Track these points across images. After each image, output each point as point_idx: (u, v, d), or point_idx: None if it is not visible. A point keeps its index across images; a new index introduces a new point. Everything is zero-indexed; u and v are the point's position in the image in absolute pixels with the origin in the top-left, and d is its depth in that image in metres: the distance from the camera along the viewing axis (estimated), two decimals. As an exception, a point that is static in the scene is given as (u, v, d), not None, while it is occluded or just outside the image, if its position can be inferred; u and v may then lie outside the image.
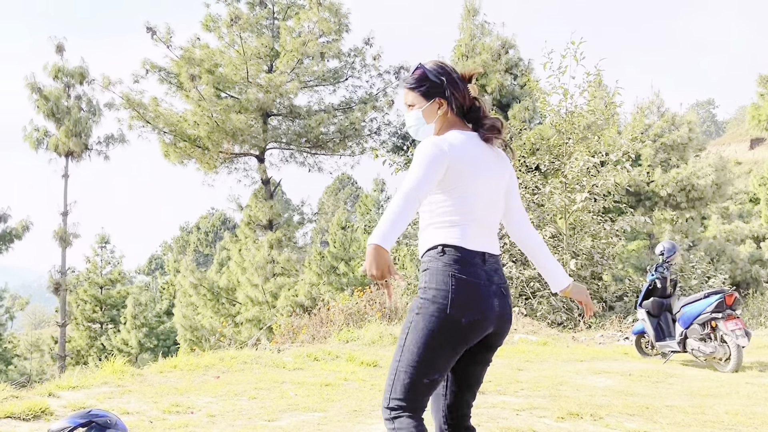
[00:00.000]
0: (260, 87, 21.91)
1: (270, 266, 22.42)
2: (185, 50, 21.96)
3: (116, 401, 5.98)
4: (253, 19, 22.71)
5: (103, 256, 34.70)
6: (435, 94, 2.97)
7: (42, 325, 62.10)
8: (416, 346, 2.75)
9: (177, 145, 22.56)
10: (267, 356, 8.77)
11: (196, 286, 24.10)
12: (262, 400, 6.21)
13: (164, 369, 7.69)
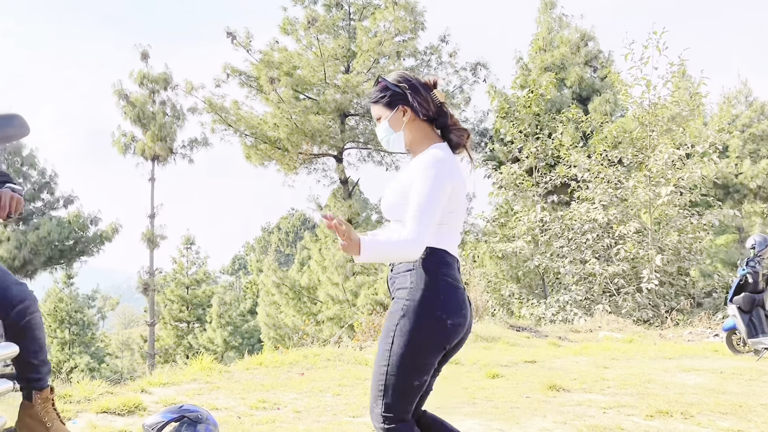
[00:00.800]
0: (337, 88, 22.09)
1: (350, 265, 22.58)
2: (264, 54, 22.33)
3: (205, 397, 6.14)
4: (330, 20, 22.91)
5: (189, 257, 35.63)
6: (398, 102, 2.97)
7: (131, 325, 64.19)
8: (407, 349, 2.70)
9: (258, 147, 22.96)
10: (349, 353, 8.86)
11: (279, 285, 24.50)
12: (346, 396, 6.27)
13: (250, 366, 7.87)
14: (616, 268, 14.44)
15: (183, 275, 35.28)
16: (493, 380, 7.16)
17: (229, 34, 21.93)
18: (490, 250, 16.09)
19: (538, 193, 16.20)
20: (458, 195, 2.84)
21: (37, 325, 2.96)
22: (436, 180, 2.71)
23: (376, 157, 24.13)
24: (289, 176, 24.02)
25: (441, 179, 2.73)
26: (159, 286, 29.86)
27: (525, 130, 16.82)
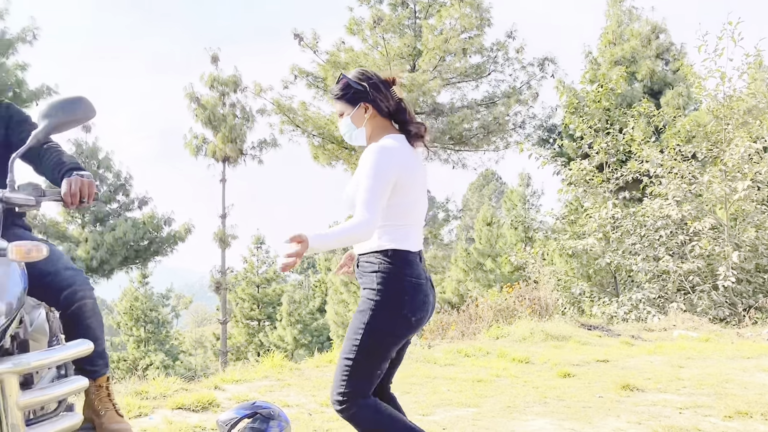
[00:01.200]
0: (403, 86, 22.05)
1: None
2: (331, 54, 22.50)
3: (276, 394, 6.22)
4: (396, 19, 22.93)
5: (259, 256, 36.19)
6: (360, 99, 3.11)
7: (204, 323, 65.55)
8: (374, 344, 2.92)
9: (325, 148, 23.14)
10: (418, 352, 8.86)
11: (347, 284, 24.67)
12: (415, 395, 6.28)
13: (320, 364, 7.95)
14: (691, 265, 14.07)
15: (254, 274, 35.84)
16: (565, 379, 7.06)
17: (297, 36, 22.17)
18: (560, 247, 15.86)
19: (609, 189, 15.89)
20: (411, 186, 3.00)
21: (88, 312, 2.96)
22: (378, 164, 2.87)
23: (442, 155, 24.05)
24: (355, 175, 24.14)
25: (383, 164, 2.88)
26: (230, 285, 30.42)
27: (595, 126, 16.52)
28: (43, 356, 2.63)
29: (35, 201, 2.54)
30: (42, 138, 2.64)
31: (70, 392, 2.69)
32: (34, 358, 2.55)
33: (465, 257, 23.57)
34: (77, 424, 2.72)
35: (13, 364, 2.43)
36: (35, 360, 2.55)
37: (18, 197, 2.52)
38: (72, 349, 2.69)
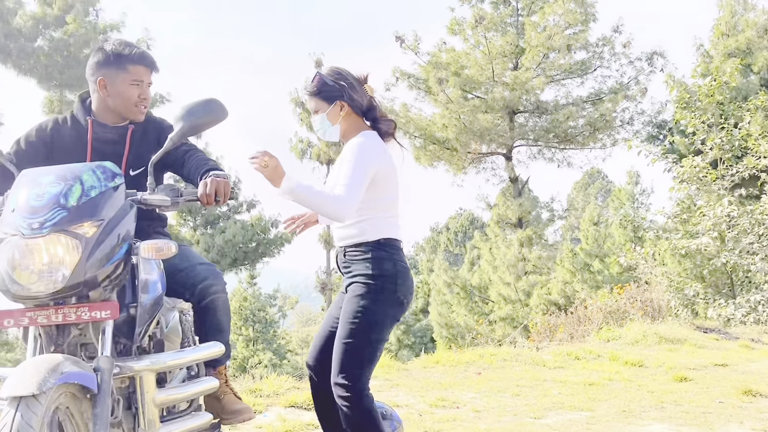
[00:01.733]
0: (506, 85, 21.87)
1: (521, 264, 22.30)
2: (432, 55, 22.50)
3: (385, 394, 6.25)
4: (498, 18, 22.72)
5: (362, 257, 36.49)
6: (336, 97, 3.26)
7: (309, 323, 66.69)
8: (373, 326, 3.11)
9: (427, 148, 23.16)
10: (526, 354, 8.74)
11: (450, 285, 24.62)
12: (525, 397, 6.19)
13: (427, 364, 7.95)
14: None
15: (357, 275, 36.17)
16: (681, 384, 6.82)
17: (398, 39, 22.28)
18: (672, 247, 15.29)
19: (724, 186, 15.22)
20: (390, 179, 3.21)
21: (220, 307, 3.05)
22: (361, 156, 3.07)
23: (547, 154, 23.66)
24: (457, 176, 24.06)
25: (365, 156, 3.08)
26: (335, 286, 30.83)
27: (708, 121, 15.88)
28: (177, 356, 2.75)
29: (171, 201, 2.65)
30: (177, 141, 2.75)
31: (202, 392, 2.80)
32: (170, 358, 2.67)
33: (571, 258, 23.10)
34: (207, 423, 2.83)
35: (150, 362, 2.55)
36: (171, 359, 2.66)
37: (155, 198, 2.64)
38: (204, 351, 2.80)
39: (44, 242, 2.31)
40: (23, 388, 2.04)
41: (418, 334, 33.70)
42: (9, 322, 2.36)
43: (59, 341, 2.44)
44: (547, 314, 15.73)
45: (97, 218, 2.40)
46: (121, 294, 2.59)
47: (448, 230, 58.44)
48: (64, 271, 2.31)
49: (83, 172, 2.50)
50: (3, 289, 2.35)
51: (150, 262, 2.70)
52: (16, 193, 2.47)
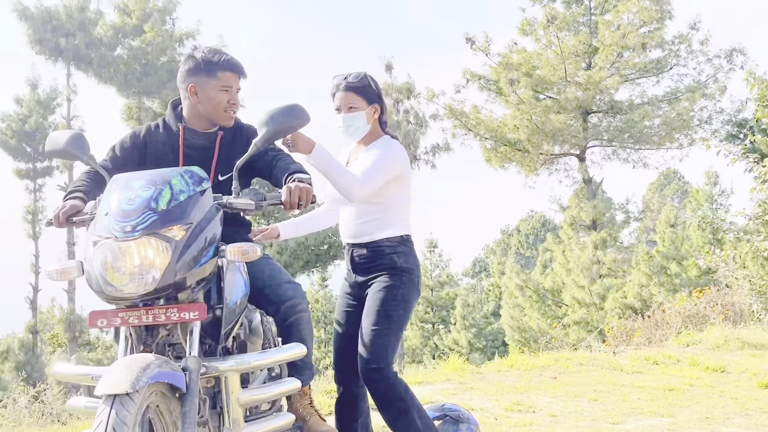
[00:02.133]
0: (579, 85, 21.54)
1: (596, 267, 21.91)
2: (503, 56, 22.31)
3: (459, 397, 6.24)
4: (570, 17, 22.41)
5: (432, 259, 36.45)
6: (373, 100, 3.46)
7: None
8: (404, 316, 3.38)
9: (498, 150, 22.99)
10: (602, 358, 8.60)
11: (522, 288, 24.36)
12: (603, 402, 6.09)
13: (501, 368, 7.89)
14: None
15: (427, 277, 36.16)
16: (767, 390, 6.60)
17: (468, 40, 22.18)
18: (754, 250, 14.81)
19: (809, 186, 14.66)
20: (410, 182, 3.52)
21: (304, 325, 3.08)
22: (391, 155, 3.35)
23: (622, 155, 23.20)
24: (529, 177, 23.80)
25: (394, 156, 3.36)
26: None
27: (791, 119, 15.34)
28: (261, 357, 2.81)
29: (255, 205, 2.70)
30: (261, 146, 2.81)
31: (285, 392, 2.84)
32: (254, 358, 2.72)
33: (647, 260, 22.56)
34: (290, 424, 2.87)
35: (235, 363, 2.61)
36: (255, 360, 2.72)
37: (239, 202, 2.70)
38: (287, 352, 2.84)
39: (136, 245, 2.39)
40: (118, 386, 2.11)
41: (489, 338, 33.46)
42: (102, 322, 2.45)
43: (148, 341, 2.52)
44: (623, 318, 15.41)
45: (185, 222, 2.47)
46: (207, 295, 2.65)
47: (519, 233, 57.92)
48: (154, 273, 2.38)
49: (172, 176, 2.58)
50: (97, 290, 2.44)
51: (235, 265, 2.77)
52: (109, 197, 2.56)
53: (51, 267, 2.62)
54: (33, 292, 28.44)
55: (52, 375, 2.80)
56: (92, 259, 2.44)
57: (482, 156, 23.48)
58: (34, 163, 28.50)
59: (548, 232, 37.65)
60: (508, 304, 26.05)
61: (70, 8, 24.54)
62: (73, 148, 2.89)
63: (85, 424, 5.64)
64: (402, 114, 25.20)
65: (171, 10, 25.37)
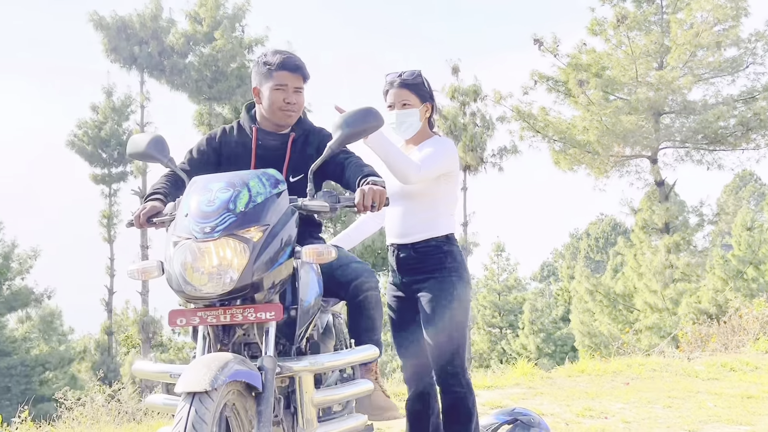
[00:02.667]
0: (650, 85, 21.09)
1: (668, 271, 21.40)
2: (572, 57, 21.99)
3: (529, 402, 6.17)
4: (641, 16, 21.95)
5: (500, 263, 36.17)
6: (426, 99, 3.49)
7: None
8: (466, 314, 3.40)
9: (567, 152, 22.65)
10: (676, 364, 8.41)
11: (592, 293, 23.93)
12: (677, 409, 5.95)
13: (572, 373, 7.78)
14: None
15: (494, 281, 35.91)
16: None
17: (536, 41, 21.95)
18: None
19: None
20: (458, 181, 3.65)
21: (372, 304, 3.10)
22: (448, 152, 3.41)
23: (695, 156, 22.59)
24: (599, 180, 23.38)
25: (450, 154, 3.43)
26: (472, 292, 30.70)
27: None
28: (334, 357, 2.84)
29: (329, 207, 2.72)
30: (335, 149, 2.84)
31: (357, 394, 2.86)
32: (327, 359, 2.75)
33: (722, 265, 21.89)
34: (362, 425, 2.89)
35: (309, 363, 2.63)
36: (328, 361, 2.74)
37: (314, 204, 2.72)
38: (360, 353, 2.86)
39: (215, 246, 2.44)
40: (197, 384, 2.15)
41: (558, 343, 33.00)
42: (182, 321, 2.51)
43: (225, 340, 2.57)
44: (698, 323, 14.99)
45: (263, 223, 2.51)
46: (283, 296, 2.69)
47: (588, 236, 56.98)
48: (232, 273, 2.43)
49: (250, 178, 2.62)
50: (177, 289, 2.50)
51: (310, 266, 2.81)
52: (189, 198, 2.62)
53: (132, 266, 2.70)
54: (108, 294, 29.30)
55: (132, 372, 2.88)
56: (172, 259, 2.50)
57: (551, 158, 23.19)
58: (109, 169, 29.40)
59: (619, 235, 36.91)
60: (578, 308, 25.62)
61: (143, 17, 25.24)
62: (153, 150, 2.96)
63: (160, 422, 5.78)
64: (468, 116, 25.09)
65: (240, 18, 25.85)
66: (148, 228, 2.89)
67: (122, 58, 25.27)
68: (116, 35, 24.87)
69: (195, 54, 25.61)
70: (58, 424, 6.35)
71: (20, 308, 28.36)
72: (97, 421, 6.63)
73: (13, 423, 6.30)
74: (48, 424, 6.28)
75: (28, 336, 28.92)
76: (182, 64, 25.16)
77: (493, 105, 24.05)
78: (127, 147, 3.07)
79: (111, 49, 25.05)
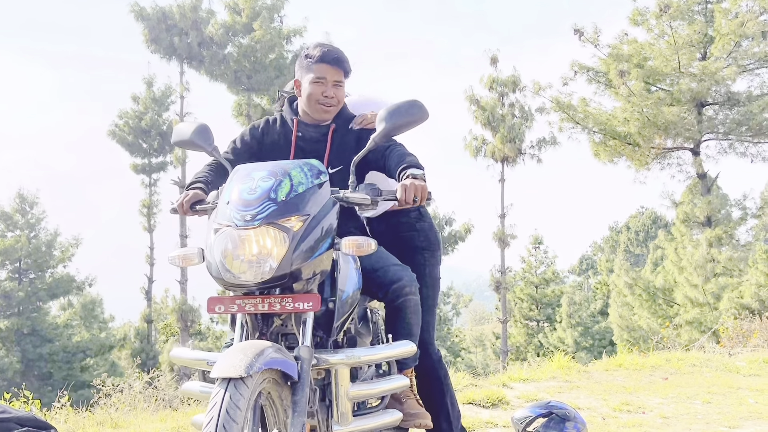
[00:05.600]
0: (693, 76, 20.73)
1: (710, 265, 21.04)
2: (613, 47, 21.72)
3: (565, 395, 6.12)
4: (684, 6, 21.54)
5: (537, 256, 35.89)
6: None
7: (482, 322, 66.51)
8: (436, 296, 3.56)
9: (607, 144, 22.39)
10: (717, 360, 8.27)
11: (631, 286, 23.64)
12: (717, 405, 5.84)
13: (609, 367, 7.69)
14: None
15: (532, 274, 35.63)
16: None
17: (576, 31, 21.70)
18: None
19: None
20: None
21: (411, 308, 3.08)
22: None
23: (739, 149, 22.15)
24: (640, 172, 23.06)
25: None
26: (509, 285, 30.51)
27: None
28: (371, 352, 2.84)
29: (370, 200, 2.71)
30: (379, 141, 2.83)
31: (393, 389, 2.85)
32: (363, 353, 2.74)
33: (765, 259, 21.46)
34: (397, 421, 2.88)
35: (346, 356, 2.63)
36: (364, 355, 2.73)
37: (355, 196, 2.71)
38: (396, 349, 2.84)
39: (255, 234, 2.45)
40: (232, 370, 2.15)
41: (596, 336, 32.68)
42: (220, 308, 2.52)
43: (263, 329, 2.58)
44: (739, 319, 14.73)
45: (303, 213, 2.51)
46: (321, 288, 2.69)
47: (628, 229, 56.31)
48: (271, 262, 2.43)
49: (292, 168, 2.63)
50: (216, 276, 2.52)
51: (349, 259, 2.81)
52: (231, 187, 2.63)
53: (173, 253, 2.72)
54: (148, 282, 29.75)
55: (170, 358, 2.91)
56: (213, 246, 2.52)
57: (590, 150, 22.94)
58: (149, 159, 29.77)
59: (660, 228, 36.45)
60: (617, 302, 25.34)
61: (183, 8, 25.42)
62: (198, 138, 2.99)
63: (196, 409, 5.83)
64: (507, 107, 24.91)
65: (279, 8, 25.93)
66: (191, 215, 2.92)
67: (162, 48, 25.50)
68: (156, 26, 25.10)
69: (234, 44, 25.74)
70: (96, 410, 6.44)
71: (62, 296, 28.92)
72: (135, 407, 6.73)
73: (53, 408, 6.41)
74: (87, 410, 6.37)
75: (70, 323, 29.43)
76: (221, 55, 25.32)
77: (532, 96, 23.85)
78: (173, 135, 3.11)
79: (151, 40, 25.29)
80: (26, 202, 28.50)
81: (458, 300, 52.03)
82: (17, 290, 26.72)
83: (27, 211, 28.46)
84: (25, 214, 28.38)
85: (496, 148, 24.97)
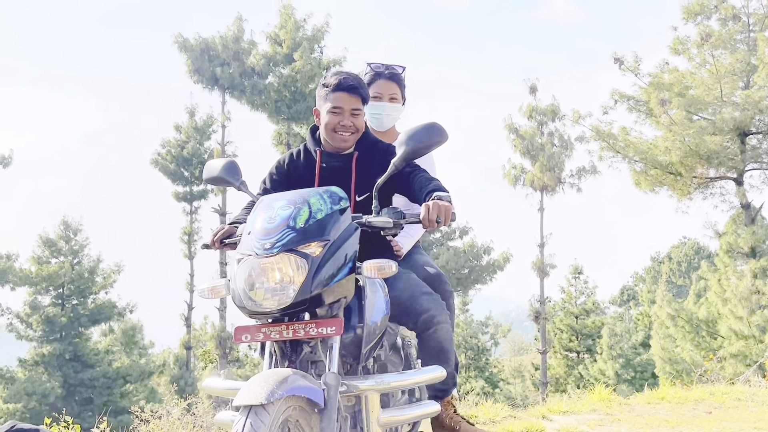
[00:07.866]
0: (736, 105, 20.47)
1: (755, 297, 20.60)
2: (653, 76, 21.58)
3: (606, 429, 6.00)
4: (726, 35, 21.35)
5: (577, 286, 35.48)
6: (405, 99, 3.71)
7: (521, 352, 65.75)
8: None
9: (648, 173, 22.17)
10: (763, 394, 8.07)
11: (674, 318, 23.22)
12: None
13: (651, 400, 7.54)
14: None
15: (572, 304, 35.21)
16: None
17: (617, 60, 21.63)
18: None
19: None
20: None
21: (443, 336, 3.07)
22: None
23: (786, 179, 21.77)
24: (682, 202, 22.76)
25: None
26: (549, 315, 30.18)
27: None
28: (401, 377, 2.81)
29: (393, 223, 2.71)
30: (399, 165, 2.83)
31: (424, 415, 2.83)
32: (393, 379, 2.73)
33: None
34: None
35: (375, 382, 2.62)
36: (394, 380, 2.72)
37: (378, 220, 2.72)
38: (427, 374, 2.83)
39: (274, 261, 2.47)
40: (253, 397, 2.18)
41: (638, 369, 32.10)
42: (246, 337, 2.55)
43: (292, 357, 2.59)
44: (787, 353, 14.36)
45: (323, 239, 2.53)
46: (349, 314, 2.69)
47: (670, 260, 55.50)
48: (292, 288, 2.44)
49: (311, 196, 2.66)
50: (239, 305, 2.54)
51: (375, 285, 2.80)
52: (253, 217, 2.67)
53: (203, 285, 2.77)
54: (188, 309, 30.00)
55: (203, 389, 2.94)
56: (236, 276, 2.54)
57: (631, 179, 22.72)
58: (190, 187, 30.18)
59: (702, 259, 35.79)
60: (659, 334, 24.89)
61: (225, 39, 25.88)
62: (226, 174, 3.07)
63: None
64: (546, 136, 24.83)
65: (319, 39, 26.25)
66: (222, 249, 2.98)
67: (205, 78, 25.94)
68: (199, 57, 25.57)
69: (275, 75, 26.11)
70: (134, 436, 6.48)
71: (103, 321, 29.33)
72: (172, 433, 6.75)
73: (91, 433, 6.46)
74: (124, 435, 6.41)
75: (111, 349, 29.79)
76: (262, 85, 25.67)
77: (572, 125, 23.76)
78: (203, 172, 3.18)
79: (194, 70, 25.75)
80: (70, 228, 29.07)
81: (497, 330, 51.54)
82: (60, 316, 27.18)
83: (71, 237, 29.03)
84: (69, 240, 28.94)
85: (535, 176, 24.88)
